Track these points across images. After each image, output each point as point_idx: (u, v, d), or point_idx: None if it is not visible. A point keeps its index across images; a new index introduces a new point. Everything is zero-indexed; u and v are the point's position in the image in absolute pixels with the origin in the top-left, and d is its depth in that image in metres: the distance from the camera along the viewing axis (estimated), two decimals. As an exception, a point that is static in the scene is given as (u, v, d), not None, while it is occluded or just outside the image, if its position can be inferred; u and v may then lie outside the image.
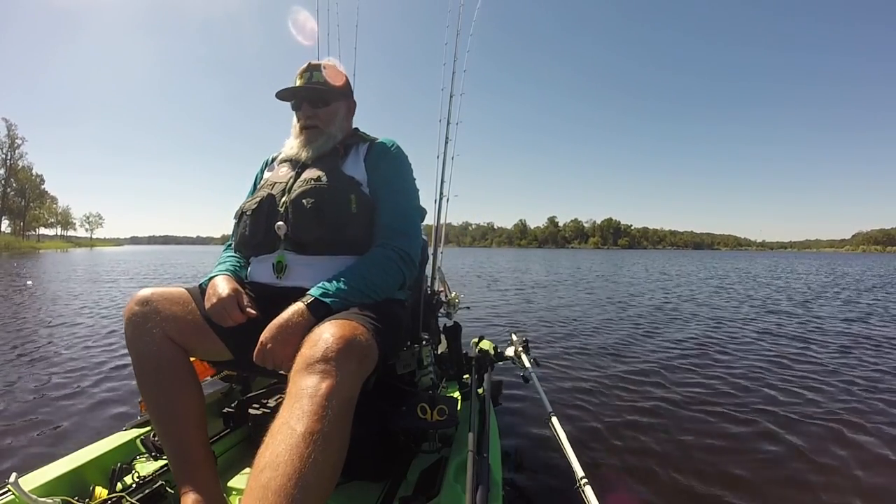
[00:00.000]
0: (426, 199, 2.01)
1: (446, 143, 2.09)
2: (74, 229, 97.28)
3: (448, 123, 2.11)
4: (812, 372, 3.42)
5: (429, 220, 1.97)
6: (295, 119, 1.43)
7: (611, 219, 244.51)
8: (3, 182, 64.39)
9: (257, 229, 1.29)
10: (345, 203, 1.25)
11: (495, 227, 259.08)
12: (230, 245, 1.44)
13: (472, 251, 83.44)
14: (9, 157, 64.17)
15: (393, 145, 1.41)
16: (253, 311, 1.16)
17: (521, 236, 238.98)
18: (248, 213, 1.32)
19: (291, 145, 1.42)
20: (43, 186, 73.97)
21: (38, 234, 79.29)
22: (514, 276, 14.71)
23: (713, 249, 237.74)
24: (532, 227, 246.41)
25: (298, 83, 1.38)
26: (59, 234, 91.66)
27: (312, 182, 1.28)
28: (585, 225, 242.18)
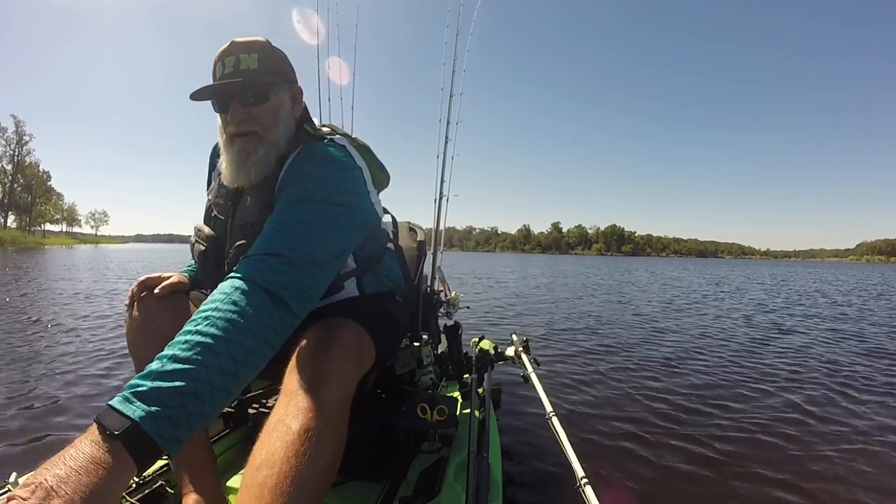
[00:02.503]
0: (426, 199, 2.01)
1: (446, 142, 2.10)
2: (80, 226, 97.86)
3: (448, 123, 2.12)
4: (817, 372, 3.40)
5: (428, 219, 1.97)
6: (219, 122, 1.05)
7: (615, 225, 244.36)
8: (10, 178, 64.91)
9: (209, 273, 1.15)
10: None
11: (499, 231, 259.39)
12: None
13: (477, 256, 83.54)
14: (16, 154, 64.74)
15: (325, 150, 1.01)
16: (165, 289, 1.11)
17: (524, 241, 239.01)
18: (197, 254, 1.17)
19: (224, 166, 1.06)
20: (49, 183, 74.54)
21: (44, 230, 79.80)
22: (517, 279, 14.70)
23: (717, 258, 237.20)
24: (536, 233, 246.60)
25: (218, 73, 1.01)
26: (64, 230, 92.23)
27: (248, 231, 1.04)
28: (589, 231, 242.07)
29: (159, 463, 1.25)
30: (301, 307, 0.82)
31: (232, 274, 0.81)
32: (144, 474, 1.19)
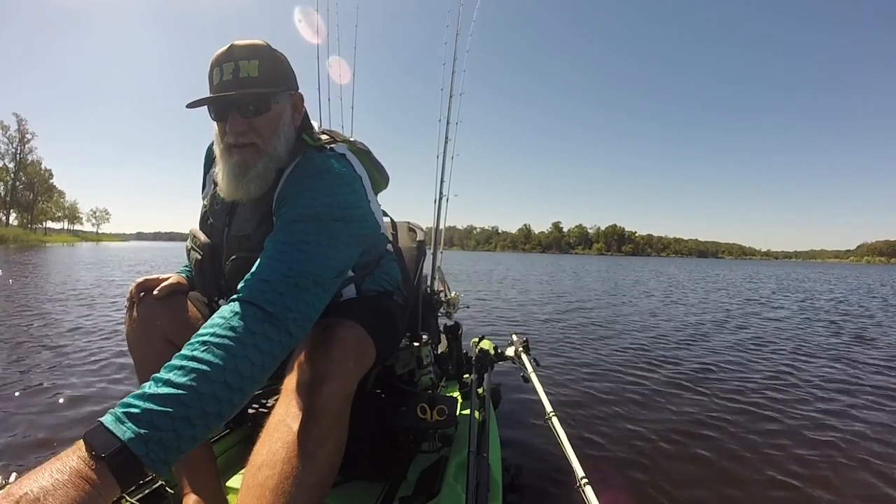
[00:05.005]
0: (426, 199, 2.02)
1: (446, 142, 2.10)
2: (81, 223, 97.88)
3: (448, 123, 2.12)
4: (817, 376, 3.40)
5: (428, 219, 1.97)
6: (216, 130, 1.00)
7: (615, 225, 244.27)
8: (12, 176, 65.09)
9: (205, 282, 1.14)
10: None
11: (500, 230, 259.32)
12: None
13: (477, 255, 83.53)
14: (19, 152, 64.95)
15: (325, 162, 0.98)
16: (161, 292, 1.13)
17: (525, 241, 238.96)
18: (193, 262, 1.16)
19: (220, 177, 1.01)
20: (51, 181, 74.63)
21: (45, 228, 79.92)
22: (518, 279, 14.70)
23: (717, 258, 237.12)
24: (536, 232, 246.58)
25: (216, 80, 0.95)
26: (65, 227, 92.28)
27: (244, 244, 1.03)
28: (590, 231, 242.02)
29: None
30: (300, 330, 0.81)
31: (234, 296, 0.79)
32: (144, 474, 1.20)
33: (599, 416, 2.50)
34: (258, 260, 0.85)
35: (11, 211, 66.11)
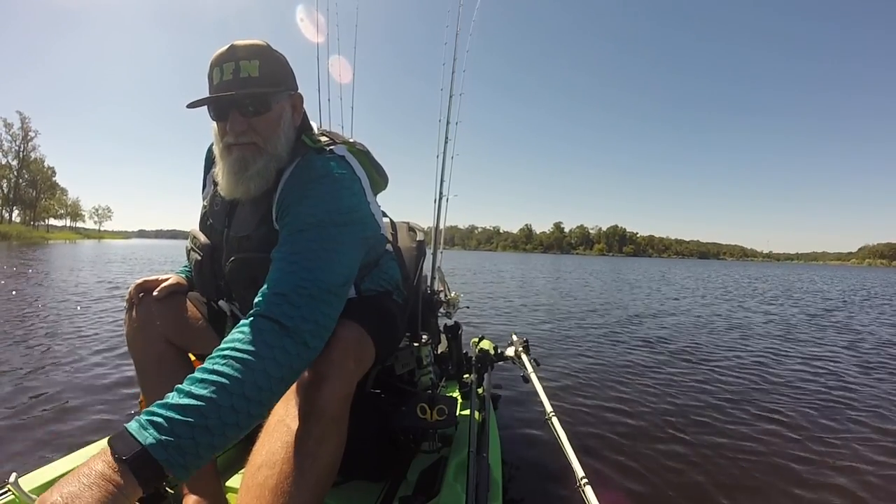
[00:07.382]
0: (426, 199, 2.03)
1: (446, 142, 2.10)
2: (83, 221, 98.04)
3: (447, 123, 2.12)
4: (809, 374, 3.40)
5: (428, 219, 1.98)
6: (216, 129, 0.99)
7: (616, 226, 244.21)
8: (15, 173, 65.34)
9: (204, 282, 1.14)
10: None
11: (501, 230, 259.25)
12: None
13: (479, 255, 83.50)
14: (22, 149, 65.21)
15: (325, 165, 0.97)
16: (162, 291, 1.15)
17: (526, 241, 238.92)
18: (193, 262, 1.16)
19: (220, 176, 1.01)
20: (54, 178, 74.87)
21: (48, 225, 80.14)
22: (518, 279, 14.70)
23: (719, 259, 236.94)
24: (538, 233, 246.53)
25: (216, 79, 0.95)
26: (68, 225, 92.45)
27: (244, 245, 1.03)
28: (591, 231, 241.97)
29: None
30: (318, 341, 0.82)
31: (253, 310, 0.80)
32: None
33: (599, 416, 2.50)
34: (269, 273, 0.86)
35: (14, 208, 66.39)
